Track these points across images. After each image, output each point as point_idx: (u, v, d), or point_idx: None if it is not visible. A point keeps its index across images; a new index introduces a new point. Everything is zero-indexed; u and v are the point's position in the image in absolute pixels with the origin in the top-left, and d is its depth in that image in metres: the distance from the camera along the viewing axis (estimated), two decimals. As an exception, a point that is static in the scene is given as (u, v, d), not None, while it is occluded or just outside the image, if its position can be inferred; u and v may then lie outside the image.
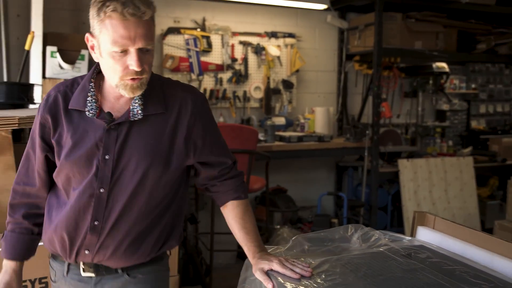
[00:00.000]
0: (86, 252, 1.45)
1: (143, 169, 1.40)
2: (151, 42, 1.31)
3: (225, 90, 4.47)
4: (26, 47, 2.84)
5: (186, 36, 4.29)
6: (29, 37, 2.82)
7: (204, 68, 4.37)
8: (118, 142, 1.38)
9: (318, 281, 1.32)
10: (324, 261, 1.43)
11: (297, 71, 4.73)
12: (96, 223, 1.41)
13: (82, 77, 1.46)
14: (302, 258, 1.46)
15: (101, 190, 1.39)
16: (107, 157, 1.38)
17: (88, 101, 1.39)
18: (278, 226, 4.18)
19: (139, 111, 1.39)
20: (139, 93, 1.36)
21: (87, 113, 1.38)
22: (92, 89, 1.40)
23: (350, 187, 4.99)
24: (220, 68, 4.44)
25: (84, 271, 1.47)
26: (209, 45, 4.36)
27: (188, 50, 4.30)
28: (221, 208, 1.60)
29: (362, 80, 5.08)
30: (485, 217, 5.01)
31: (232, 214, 1.55)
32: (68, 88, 1.43)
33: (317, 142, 4.31)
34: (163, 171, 1.43)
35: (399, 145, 4.87)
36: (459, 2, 4.53)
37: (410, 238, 1.69)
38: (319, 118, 4.63)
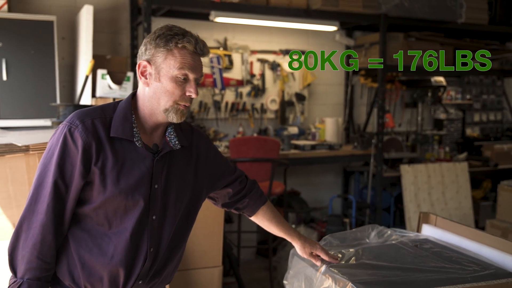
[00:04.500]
0: (140, 282, 1.47)
1: (182, 196, 1.53)
2: (202, 74, 1.48)
3: (244, 103, 4.91)
4: (87, 73, 3.23)
5: (210, 55, 4.70)
6: (90, 64, 3.22)
7: (226, 83, 4.80)
8: (164, 172, 1.47)
9: (352, 262, 1.76)
10: (352, 252, 1.82)
11: (309, 85, 5.16)
12: (151, 249, 1.46)
13: (108, 106, 1.47)
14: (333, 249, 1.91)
15: (154, 217, 1.46)
16: (156, 186, 1.45)
17: (135, 132, 1.43)
18: (294, 226, 4.56)
19: (176, 142, 1.51)
20: (183, 120, 1.46)
21: (136, 143, 1.42)
22: (135, 121, 1.45)
23: (356, 189, 5.34)
24: (240, 83, 4.87)
25: None
26: (231, 62, 4.79)
27: (212, 67, 4.74)
28: (253, 217, 1.79)
29: (367, 92, 5.51)
30: (479, 217, 5.32)
31: (267, 216, 1.78)
32: (101, 116, 1.42)
33: (328, 150, 4.71)
34: (196, 198, 1.59)
35: (401, 151, 5.23)
36: (455, 23, 4.86)
37: (416, 233, 2.13)
38: (328, 128, 5.07)
